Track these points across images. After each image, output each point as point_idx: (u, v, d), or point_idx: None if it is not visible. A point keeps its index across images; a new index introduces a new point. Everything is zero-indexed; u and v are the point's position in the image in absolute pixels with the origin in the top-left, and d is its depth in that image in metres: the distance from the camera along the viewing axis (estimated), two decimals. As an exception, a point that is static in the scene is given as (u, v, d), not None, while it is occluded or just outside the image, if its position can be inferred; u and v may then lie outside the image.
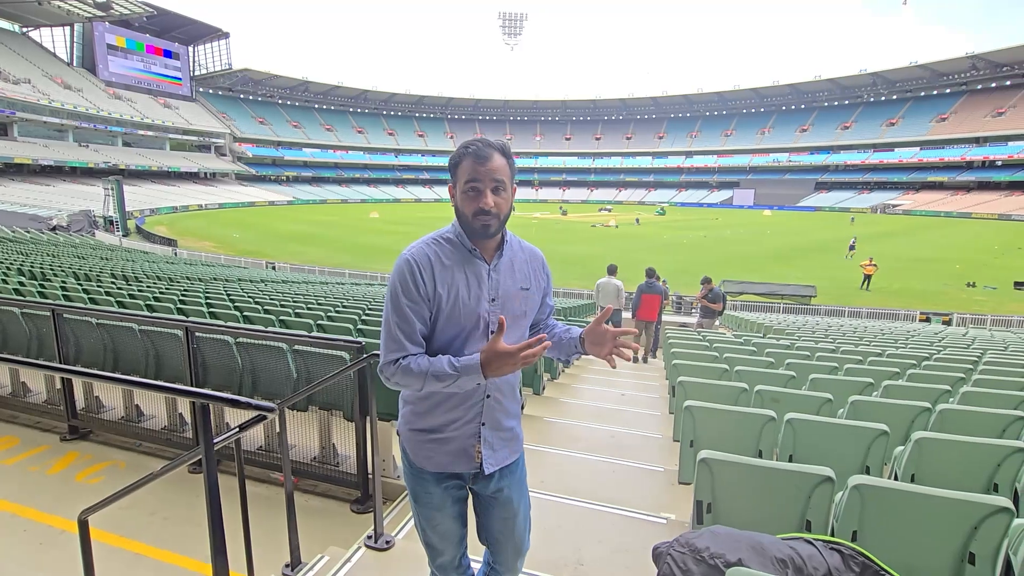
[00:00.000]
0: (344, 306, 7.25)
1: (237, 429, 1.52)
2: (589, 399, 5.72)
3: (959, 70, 70.69)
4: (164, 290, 7.76)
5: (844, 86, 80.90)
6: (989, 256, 28.90)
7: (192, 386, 3.50)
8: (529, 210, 64.15)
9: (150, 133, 66.87)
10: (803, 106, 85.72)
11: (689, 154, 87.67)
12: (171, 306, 5.83)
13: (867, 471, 2.44)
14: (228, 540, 1.76)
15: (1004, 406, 3.38)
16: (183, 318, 4.16)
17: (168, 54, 73.97)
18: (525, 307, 1.62)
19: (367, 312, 6.71)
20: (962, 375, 4.42)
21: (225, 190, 65.89)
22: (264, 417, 1.47)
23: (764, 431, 2.55)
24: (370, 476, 3.17)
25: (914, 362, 5.19)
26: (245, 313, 5.64)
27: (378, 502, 2.42)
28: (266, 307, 6.33)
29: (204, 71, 79.56)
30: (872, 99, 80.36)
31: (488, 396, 1.59)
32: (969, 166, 64.45)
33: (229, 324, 4.20)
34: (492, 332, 1.53)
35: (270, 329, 3.66)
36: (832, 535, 1.75)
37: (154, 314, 5.07)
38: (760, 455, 2.57)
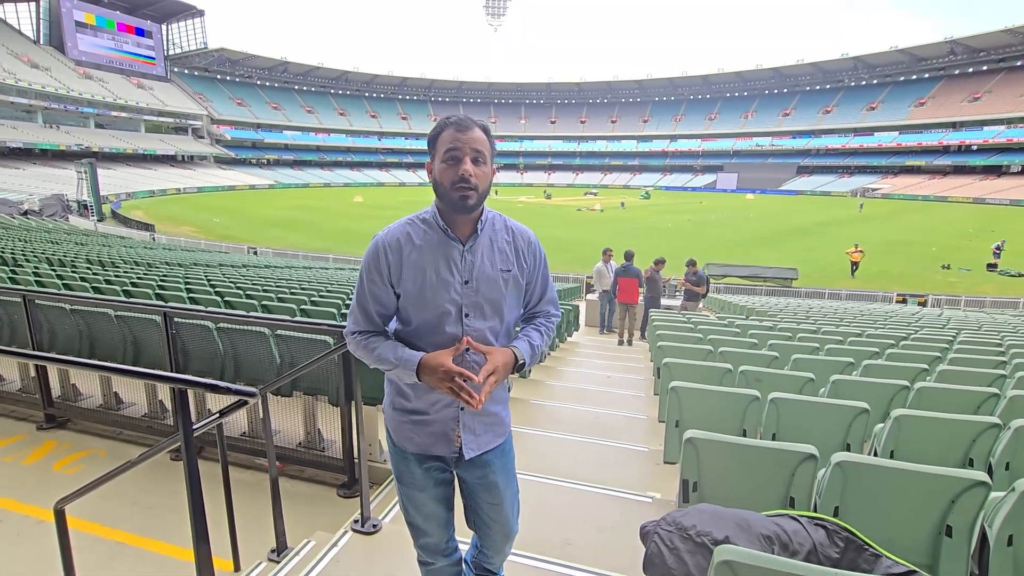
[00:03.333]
0: (328, 291, 7.16)
1: (218, 415, 1.48)
2: (574, 381, 5.75)
3: (937, 55, 71.41)
4: (142, 276, 7.58)
5: (826, 70, 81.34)
6: (964, 239, 29.52)
7: (172, 371, 3.43)
8: (514, 194, 63.83)
9: (124, 114, 64.84)
10: (786, 90, 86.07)
11: (674, 138, 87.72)
12: (149, 292, 5.70)
13: (848, 448, 2.48)
14: (212, 527, 1.73)
15: (978, 384, 3.47)
16: (161, 304, 4.07)
17: (140, 32, 71.48)
18: (505, 291, 1.54)
19: (351, 297, 6.64)
20: (938, 354, 4.53)
21: (204, 174, 64.41)
22: (245, 402, 1.43)
23: (748, 410, 2.58)
24: (356, 460, 3.16)
25: (892, 342, 5.29)
26: (226, 298, 5.53)
27: (364, 486, 2.41)
28: (248, 292, 6.22)
29: (179, 50, 77.17)
30: (853, 83, 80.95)
31: (467, 380, 1.52)
32: (946, 150, 65.49)
33: (210, 310, 4.11)
34: (466, 315, 1.50)
35: (252, 314, 3.60)
36: (815, 511, 1.78)
37: (131, 300, 4.95)
38: (744, 434, 2.61)
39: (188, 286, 6.58)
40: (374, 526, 2.37)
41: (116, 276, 7.19)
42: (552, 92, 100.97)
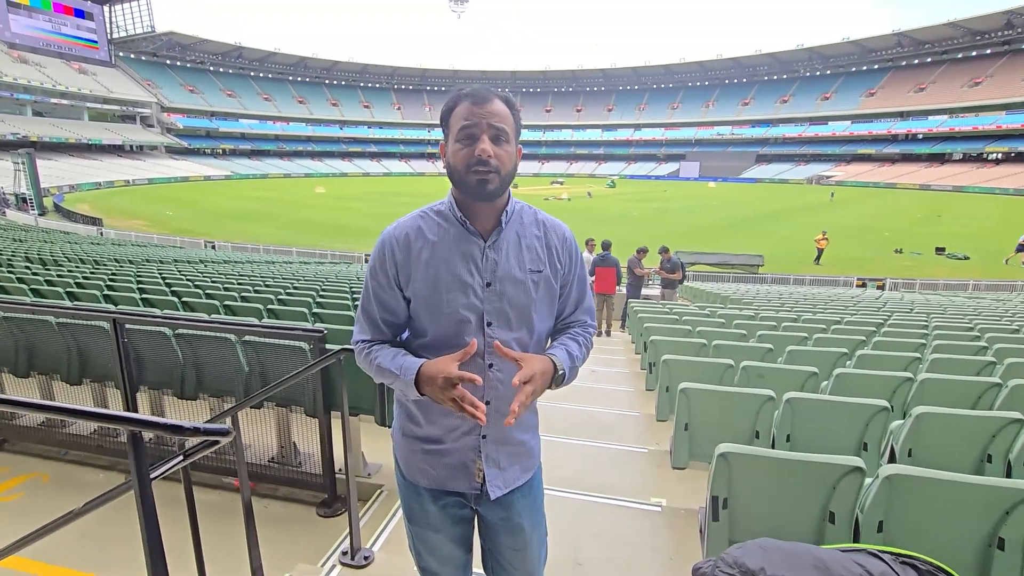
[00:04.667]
0: (296, 288, 6.78)
1: (181, 457, 1.21)
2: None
3: (886, 47, 73.94)
4: (88, 275, 7.00)
5: (782, 61, 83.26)
6: (913, 224, 30.77)
7: (125, 385, 3.08)
8: (481, 184, 63.23)
9: (64, 101, 60.93)
10: (745, 80, 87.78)
11: (638, 127, 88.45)
12: (96, 293, 5.22)
13: (865, 447, 2.38)
14: (175, 562, 1.46)
15: (969, 372, 3.46)
16: (110, 308, 3.68)
17: (80, 13, 67.13)
18: (534, 295, 1.30)
19: (321, 293, 6.29)
20: (921, 340, 4.55)
21: (155, 164, 61.30)
22: (217, 443, 1.17)
23: (761, 411, 2.45)
24: (339, 476, 2.90)
25: (872, 328, 5.32)
26: (184, 299, 5.12)
27: (353, 511, 2.15)
28: (208, 291, 5.80)
29: (124, 34, 72.79)
30: (808, 74, 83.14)
31: (488, 402, 1.29)
32: (894, 139, 68.10)
33: (166, 313, 3.74)
34: (489, 324, 1.26)
35: (216, 318, 3.27)
36: (856, 527, 1.64)
37: (76, 304, 4.50)
38: (757, 436, 2.48)
39: (141, 286, 6.10)
40: (365, 558, 2.12)
41: (59, 276, 6.61)
42: (517, 81, 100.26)
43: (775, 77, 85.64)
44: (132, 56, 74.97)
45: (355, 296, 6.30)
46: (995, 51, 65.22)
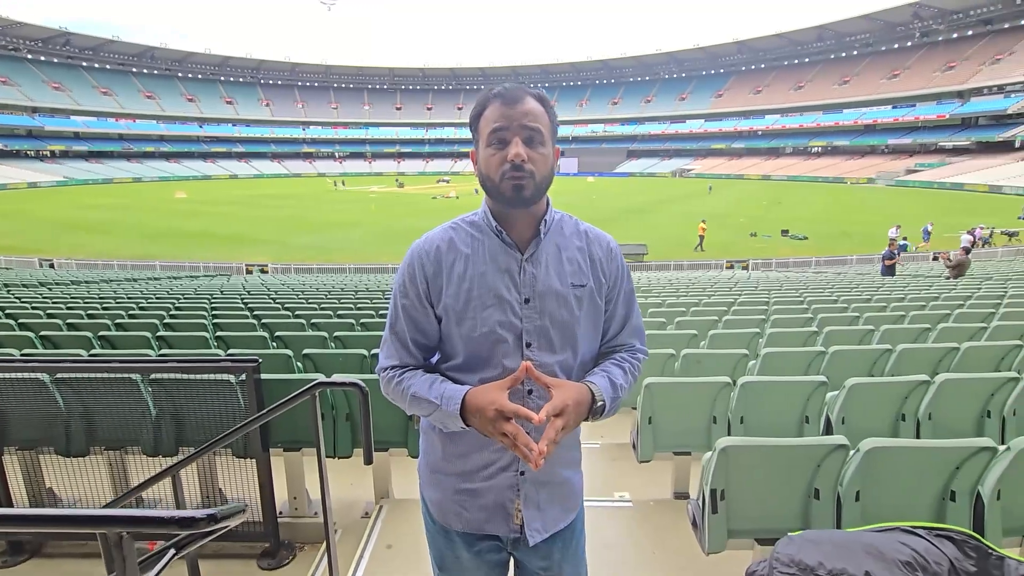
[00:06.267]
0: (180, 308, 5.98)
1: (173, 552, 0.95)
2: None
3: (728, 53, 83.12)
4: None
5: (645, 63, 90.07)
6: (761, 210, 34.94)
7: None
8: (365, 184, 60.95)
9: None
10: (613, 81, 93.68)
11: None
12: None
13: (807, 420, 2.60)
14: None
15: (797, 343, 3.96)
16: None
17: None
18: (578, 313, 1.18)
19: (215, 312, 5.60)
20: (809, 315, 5.12)
21: (-45, 170, 50.98)
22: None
23: (718, 398, 2.58)
24: (282, 519, 2.58)
25: (764, 306, 5.90)
26: (42, 333, 4.25)
27: (333, 557, 1.89)
28: (69, 320, 4.90)
29: (-102, 10, 59.44)
30: (667, 76, 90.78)
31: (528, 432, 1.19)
32: (739, 135, 76.79)
33: (48, 355, 3.08)
34: (528, 345, 1.15)
35: (107, 356, 2.75)
36: (839, 500, 1.77)
37: None
38: (715, 421, 2.61)
39: (-27, 320, 4.99)
40: (348, 611, 1.89)
41: None
42: (396, 78, 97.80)
43: (639, 79, 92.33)
44: (-86, 38, 61.56)
45: (255, 312, 5.71)
46: (813, 60, 76.12)
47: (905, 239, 20.43)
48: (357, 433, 2.66)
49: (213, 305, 6.33)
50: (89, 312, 5.55)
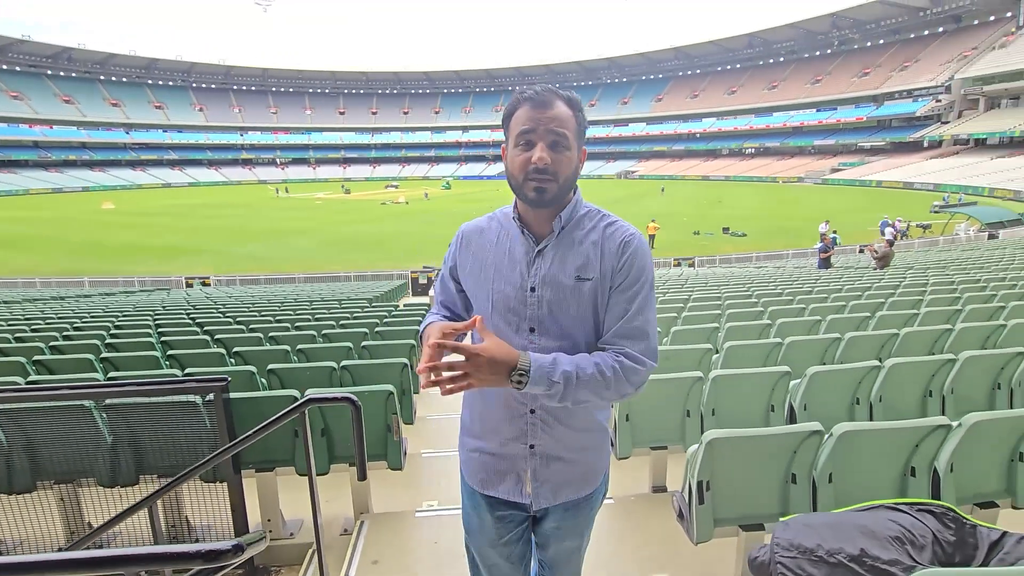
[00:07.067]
0: (121, 327, 5.61)
1: None
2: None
3: (666, 59, 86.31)
4: None
5: (588, 68, 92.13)
6: (703, 209, 36.42)
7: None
8: (310, 190, 59.14)
9: None
10: (558, 84, 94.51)
11: (466, 128, 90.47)
12: None
13: (772, 409, 2.74)
14: None
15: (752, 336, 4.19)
16: None
17: None
18: (579, 305, 1.21)
19: (162, 329, 5.29)
20: (759, 309, 5.38)
21: None
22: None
23: (691, 391, 2.67)
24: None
25: (717, 302, 6.15)
26: (-36, 360, 3.88)
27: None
28: (-5, 346, 4.50)
29: None
30: (610, 80, 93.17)
31: (532, 411, 1.26)
32: (679, 138, 79.77)
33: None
34: (532, 330, 1.23)
35: (48, 380, 2.55)
36: (814, 483, 1.88)
37: None
38: (688, 414, 2.70)
39: None
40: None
41: None
42: (339, 81, 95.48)
43: (583, 83, 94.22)
44: None
45: (205, 327, 5.44)
46: (744, 66, 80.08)
47: (835, 233, 21.79)
48: (334, 449, 2.58)
49: (158, 322, 5.97)
50: (17, 335, 5.11)
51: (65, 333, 5.24)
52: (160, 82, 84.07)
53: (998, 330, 3.82)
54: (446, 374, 1.08)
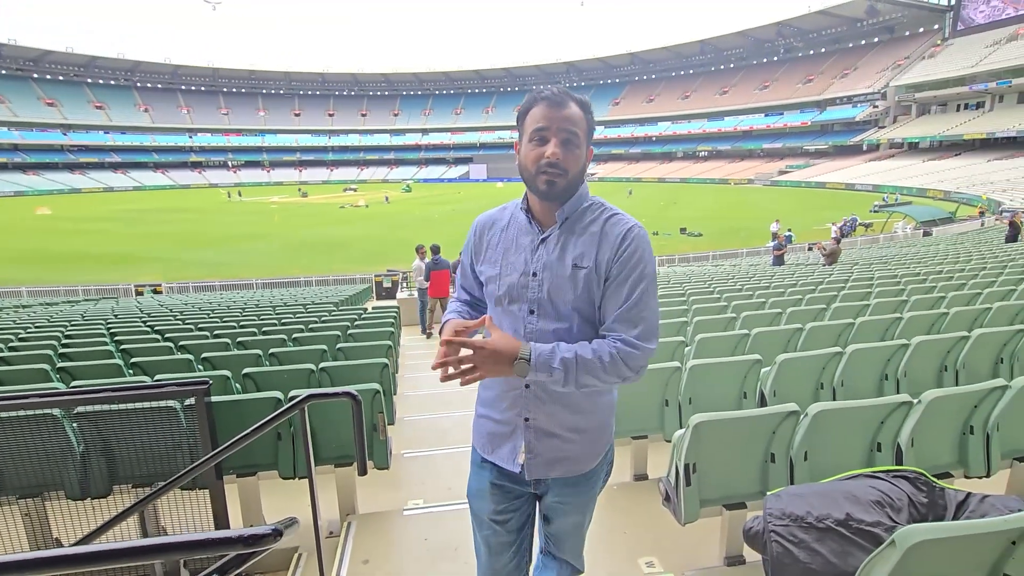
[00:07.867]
0: (73, 334, 5.33)
1: None
2: (428, 387, 5.45)
3: (623, 63, 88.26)
4: None
5: (547, 72, 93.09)
6: (660, 209, 37.39)
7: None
8: (264, 194, 57.44)
9: None
10: (517, 88, 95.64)
11: (425, 131, 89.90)
12: None
13: (744, 396, 2.87)
14: None
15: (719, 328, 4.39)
16: None
17: None
18: (575, 291, 1.28)
19: (119, 337, 5.06)
20: (736, 302, 5.59)
21: None
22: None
23: (670, 381, 2.77)
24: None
25: (683, 298, 6.36)
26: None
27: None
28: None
29: None
30: (567, 84, 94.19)
31: (527, 386, 1.34)
32: (636, 141, 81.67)
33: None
34: (532, 312, 1.33)
35: (21, 389, 2.42)
36: (791, 461, 1.99)
37: None
38: (667, 403, 2.80)
39: None
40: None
41: None
42: (293, 82, 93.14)
43: (542, 86, 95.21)
44: None
45: (166, 335, 5.24)
46: (696, 71, 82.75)
47: (789, 231, 22.76)
48: (318, 451, 2.55)
49: (112, 331, 5.70)
50: (-44, 348, 4.78)
51: (11, 344, 4.93)
52: (101, 81, 79.87)
53: (941, 317, 4.12)
54: (455, 368, 1.21)
